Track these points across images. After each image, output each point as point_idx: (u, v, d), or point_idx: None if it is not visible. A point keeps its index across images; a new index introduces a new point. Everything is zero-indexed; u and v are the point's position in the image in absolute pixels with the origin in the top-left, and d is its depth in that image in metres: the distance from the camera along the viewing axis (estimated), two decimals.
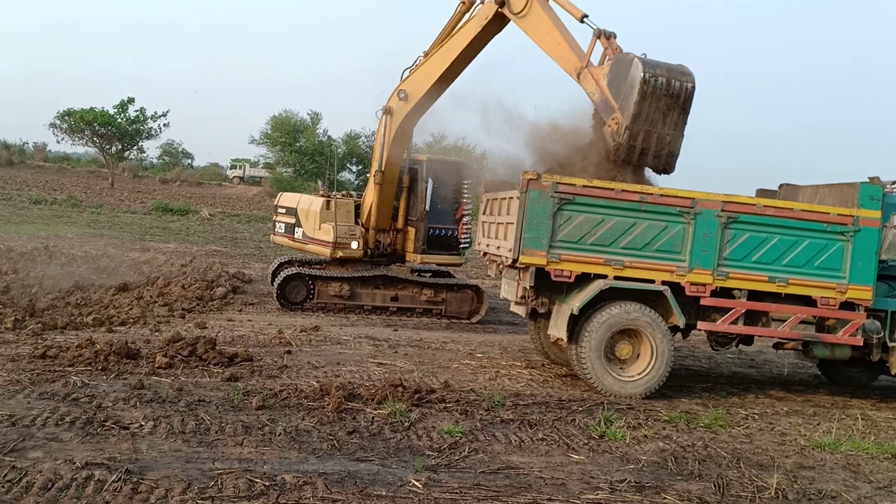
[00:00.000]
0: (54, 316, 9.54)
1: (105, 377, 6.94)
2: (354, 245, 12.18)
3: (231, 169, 64.46)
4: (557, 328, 8.09)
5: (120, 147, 50.67)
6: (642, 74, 8.04)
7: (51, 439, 5.20)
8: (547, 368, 9.22)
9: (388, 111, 11.94)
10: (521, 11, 9.62)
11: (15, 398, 6.06)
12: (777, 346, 8.92)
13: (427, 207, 12.27)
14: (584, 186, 7.80)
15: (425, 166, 12.40)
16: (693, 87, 8.31)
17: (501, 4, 9.89)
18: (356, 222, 12.39)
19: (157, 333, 9.18)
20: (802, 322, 8.19)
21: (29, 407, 5.85)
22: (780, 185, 9.80)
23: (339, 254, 12.11)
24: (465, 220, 12.43)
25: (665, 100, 8.17)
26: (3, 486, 4.36)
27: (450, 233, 12.46)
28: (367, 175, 13.15)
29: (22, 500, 4.21)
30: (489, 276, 10.54)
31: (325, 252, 12.24)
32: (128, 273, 13.94)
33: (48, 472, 4.58)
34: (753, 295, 8.09)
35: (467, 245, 12.50)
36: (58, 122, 48.69)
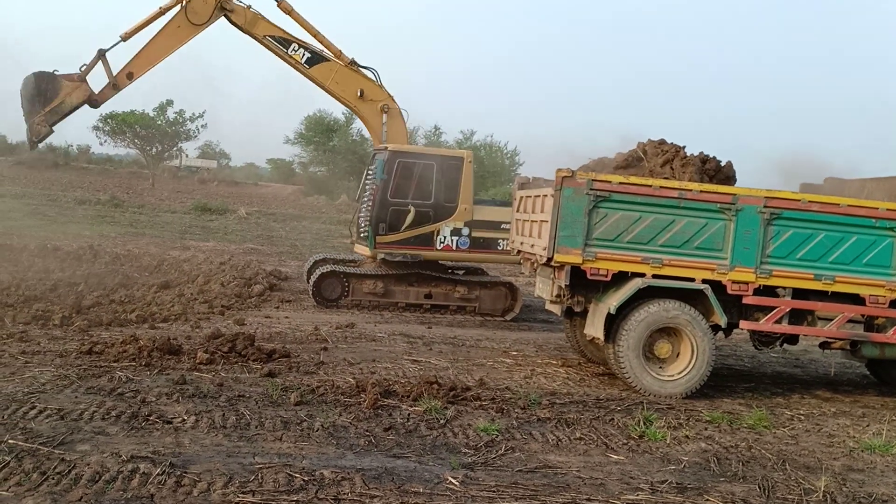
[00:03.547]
0: (99, 313, 9.77)
1: (148, 372, 7.09)
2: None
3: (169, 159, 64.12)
4: (594, 327, 8.00)
5: (160, 148, 51.79)
6: None
7: (98, 433, 5.32)
8: (583, 367, 9.14)
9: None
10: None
11: (63, 392, 6.22)
12: (824, 345, 8.69)
13: (357, 197, 12.53)
14: (621, 183, 7.69)
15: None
16: None
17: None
18: None
19: (197, 330, 9.34)
20: (850, 321, 7.95)
21: (76, 401, 6.01)
22: (826, 180, 9.56)
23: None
24: (364, 205, 12.39)
25: None
26: (54, 478, 4.48)
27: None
28: None
29: (71, 492, 4.31)
30: (523, 273, 10.48)
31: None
32: (169, 271, 14.22)
33: (95, 465, 4.69)
34: (798, 293, 7.89)
35: (365, 233, 12.18)
36: (100, 124, 50.04)
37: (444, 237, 12.04)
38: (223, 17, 12.00)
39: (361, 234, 12.44)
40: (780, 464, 5.94)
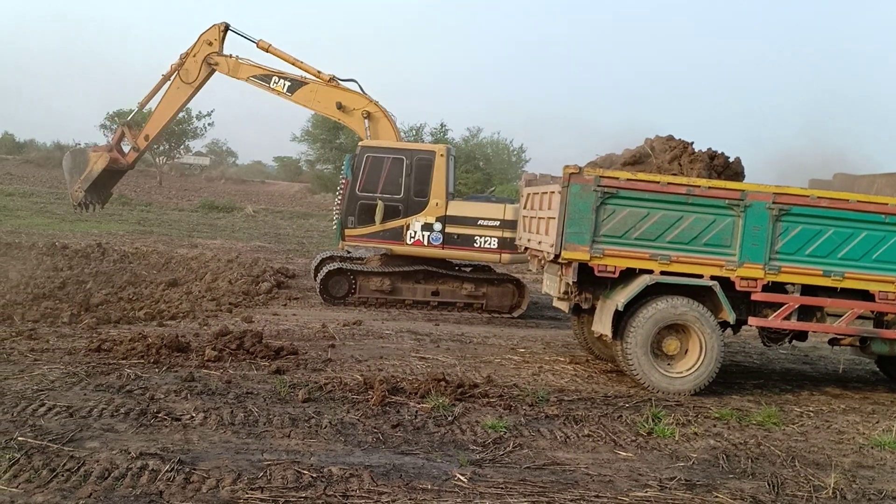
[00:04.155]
0: (108, 310, 9.82)
1: (157, 370, 7.11)
2: None
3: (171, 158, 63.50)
4: (602, 324, 7.98)
5: (167, 146, 51.92)
6: None
7: (107, 430, 5.34)
8: (591, 364, 9.12)
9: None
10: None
11: (72, 390, 6.25)
12: (833, 342, 8.64)
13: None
14: (628, 180, 7.66)
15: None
16: None
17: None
18: None
19: (205, 327, 9.37)
20: (860, 317, 7.90)
21: (85, 398, 6.03)
22: (835, 175, 9.50)
23: None
24: (336, 200, 12.69)
25: None
26: (63, 475, 4.50)
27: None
28: None
29: (80, 489, 4.33)
30: (531, 270, 10.46)
31: None
32: (177, 269, 14.29)
33: (105, 462, 4.71)
34: (807, 289, 7.85)
35: (335, 227, 12.49)
36: (108, 122, 50.23)
37: (415, 232, 12.03)
38: (213, 71, 13.38)
39: (333, 228, 12.70)
40: (790, 460, 5.92)
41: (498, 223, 11.74)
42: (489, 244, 11.77)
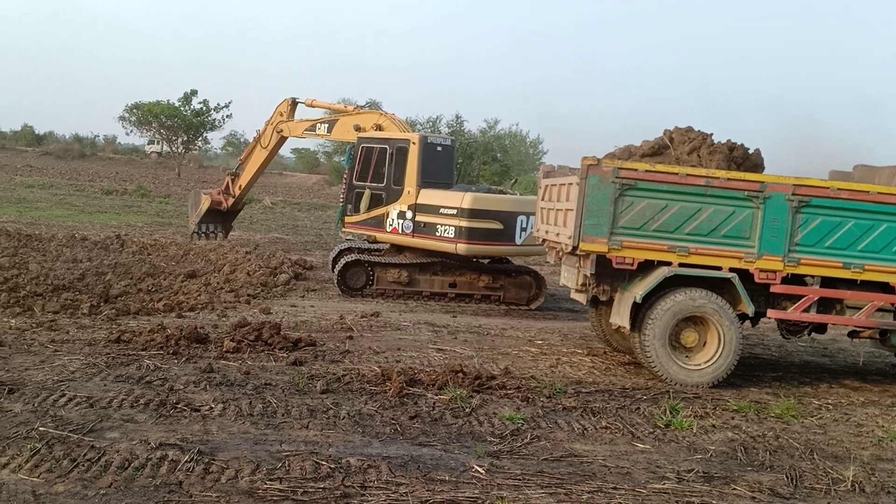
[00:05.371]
0: (127, 302, 9.92)
1: (176, 361, 7.18)
2: None
3: (149, 144, 63.32)
4: (620, 316, 7.95)
5: (186, 138, 52.23)
6: None
7: (126, 420, 5.42)
8: (609, 356, 9.09)
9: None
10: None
11: (92, 381, 6.33)
12: (852, 334, 8.54)
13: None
14: (647, 171, 7.60)
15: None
16: None
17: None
18: None
19: (224, 319, 9.44)
20: (879, 310, 7.80)
21: (105, 389, 6.11)
22: (855, 167, 9.36)
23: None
24: (342, 188, 13.33)
25: None
26: (84, 465, 4.57)
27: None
28: None
29: (101, 479, 4.39)
30: (548, 262, 10.43)
31: None
32: (195, 260, 14.39)
33: (125, 452, 4.77)
34: (827, 281, 7.77)
35: (339, 213, 13.35)
36: (126, 115, 50.68)
37: (392, 220, 12.27)
38: (282, 137, 15.56)
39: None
40: (808, 453, 5.88)
41: (455, 212, 11.53)
42: (447, 233, 11.63)
